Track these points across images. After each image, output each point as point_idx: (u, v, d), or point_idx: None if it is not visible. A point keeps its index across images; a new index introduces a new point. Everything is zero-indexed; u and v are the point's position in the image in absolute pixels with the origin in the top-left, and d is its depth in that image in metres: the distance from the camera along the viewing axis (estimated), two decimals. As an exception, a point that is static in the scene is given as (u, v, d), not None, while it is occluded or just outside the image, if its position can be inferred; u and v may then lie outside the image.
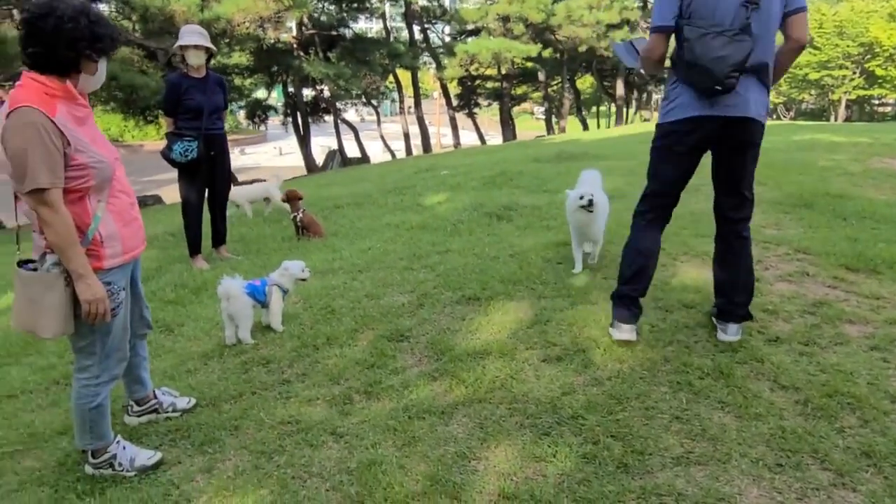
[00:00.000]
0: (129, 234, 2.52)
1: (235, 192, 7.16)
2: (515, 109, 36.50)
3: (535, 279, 4.27)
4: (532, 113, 51.24)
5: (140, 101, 15.79)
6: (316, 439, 2.71)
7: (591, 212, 4.12)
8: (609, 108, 40.31)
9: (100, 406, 2.52)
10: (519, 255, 4.81)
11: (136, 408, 2.98)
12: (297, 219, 6.23)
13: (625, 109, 34.39)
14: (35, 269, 2.34)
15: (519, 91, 34.51)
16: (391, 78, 29.68)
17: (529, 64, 29.67)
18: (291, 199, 6.24)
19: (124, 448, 2.62)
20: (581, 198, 4.10)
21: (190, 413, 3.02)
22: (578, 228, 4.29)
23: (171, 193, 6.23)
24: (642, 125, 24.64)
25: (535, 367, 3.16)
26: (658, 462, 2.41)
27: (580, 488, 2.29)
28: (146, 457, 2.63)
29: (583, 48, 26.62)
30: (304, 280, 4.01)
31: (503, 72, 28.88)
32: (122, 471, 2.57)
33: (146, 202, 16.29)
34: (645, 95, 38.46)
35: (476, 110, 33.48)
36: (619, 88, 31.32)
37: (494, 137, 34.67)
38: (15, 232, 2.53)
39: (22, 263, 2.36)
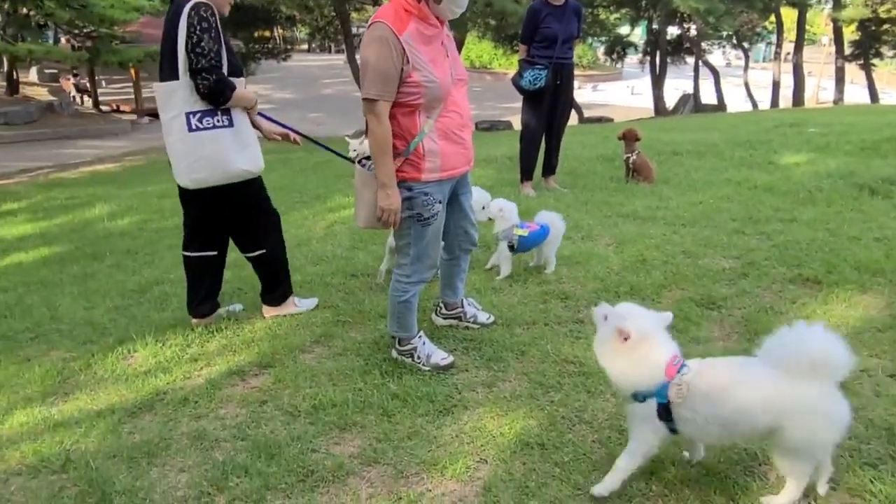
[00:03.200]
0: (451, 153, 2.65)
1: None
2: (932, 63, 29.31)
3: (904, 274, 3.44)
4: (958, 69, 40.60)
5: (508, 28, 16.77)
6: (594, 387, 2.62)
7: None
8: None
9: (408, 302, 2.80)
10: (889, 241, 3.91)
11: (443, 310, 3.25)
12: (630, 160, 5.98)
13: None
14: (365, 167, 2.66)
15: (945, 40, 27.50)
16: (772, 17, 26.20)
17: (972, 5, 23.27)
18: (628, 138, 5.98)
19: (424, 343, 2.89)
20: None
21: (486, 328, 3.19)
22: None
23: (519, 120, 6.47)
24: None
25: (876, 381, 2.57)
26: None
27: (901, 545, 1.81)
28: (440, 357, 2.87)
29: None
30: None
31: (927, 14, 23.21)
32: (418, 363, 2.85)
33: (497, 126, 17.54)
34: None
35: (875, 61, 27.76)
36: None
37: (892, 96, 28.61)
38: None
39: (362, 160, 2.70)
